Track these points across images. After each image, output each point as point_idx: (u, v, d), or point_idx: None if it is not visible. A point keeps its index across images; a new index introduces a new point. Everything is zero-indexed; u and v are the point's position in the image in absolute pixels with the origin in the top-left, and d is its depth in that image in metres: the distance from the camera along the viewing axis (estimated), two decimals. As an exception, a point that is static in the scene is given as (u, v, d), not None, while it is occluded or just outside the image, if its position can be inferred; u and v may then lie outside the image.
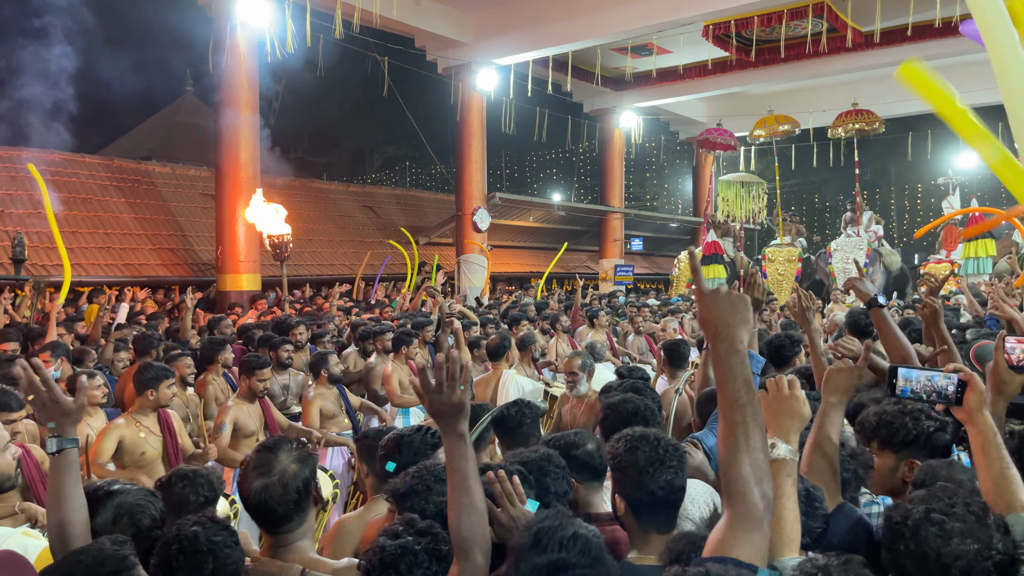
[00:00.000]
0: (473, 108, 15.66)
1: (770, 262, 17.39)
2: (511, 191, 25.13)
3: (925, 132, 20.61)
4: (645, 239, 23.62)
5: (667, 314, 10.22)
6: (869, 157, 27.44)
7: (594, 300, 12.62)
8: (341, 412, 5.60)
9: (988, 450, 1.95)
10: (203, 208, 15.63)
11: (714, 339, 1.62)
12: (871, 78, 18.58)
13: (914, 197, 30.91)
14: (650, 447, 2.06)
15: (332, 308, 10.07)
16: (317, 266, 16.85)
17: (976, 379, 2.00)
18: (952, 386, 2.00)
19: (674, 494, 2.05)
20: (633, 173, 31.88)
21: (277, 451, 2.08)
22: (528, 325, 8.31)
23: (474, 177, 15.95)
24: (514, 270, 20.95)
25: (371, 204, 20.58)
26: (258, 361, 5.02)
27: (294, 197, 18.50)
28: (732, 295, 1.63)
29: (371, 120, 33.32)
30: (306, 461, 2.09)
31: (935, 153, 21.01)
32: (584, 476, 2.40)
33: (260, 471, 2.03)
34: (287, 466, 2.04)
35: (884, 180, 31.22)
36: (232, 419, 4.78)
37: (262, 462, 2.05)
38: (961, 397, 1.98)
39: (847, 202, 17.81)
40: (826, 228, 32.61)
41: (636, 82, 19.26)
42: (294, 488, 2.01)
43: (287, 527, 2.03)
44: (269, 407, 5.07)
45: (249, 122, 12.15)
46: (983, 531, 1.53)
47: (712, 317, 1.62)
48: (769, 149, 19.36)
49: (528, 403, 3.18)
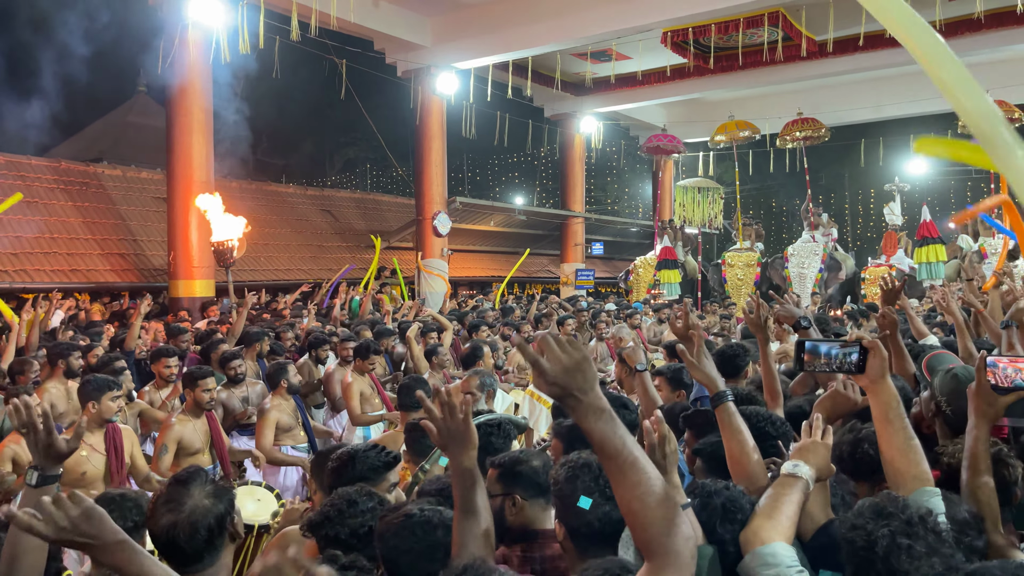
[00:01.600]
0: (433, 111, 15.55)
1: (730, 267, 17.57)
2: (472, 195, 25.07)
3: (877, 139, 21.09)
4: (606, 243, 23.73)
5: (624, 319, 10.18)
6: (823, 163, 28.02)
7: (551, 307, 12.55)
8: (297, 425, 5.43)
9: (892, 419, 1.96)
10: (155, 212, 15.25)
11: (573, 405, 1.42)
12: (825, 85, 18.96)
13: (867, 202, 31.57)
14: (590, 476, 2.03)
15: (288, 312, 9.88)
16: (274, 271, 16.55)
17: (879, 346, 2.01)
18: (855, 354, 2.01)
19: (611, 526, 1.99)
20: (594, 178, 32.02)
21: (189, 485, 1.98)
22: (488, 331, 8.22)
23: (435, 181, 15.83)
24: (475, 274, 20.87)
25: (330, 208, 20.31)
26: (200, 371, 4.81)
27: (250, 200, 18.15)
28: (579, 359, 1.43)
29: (330, 123, 32.97)
30: (221, 496, 1.99)
31: (887, 159, 21.50)
32: (529, 492, 2.35)
33: (169, 507, 1.93)
34: (199, 502, 1.94)
35: (838, 185, 31.87)
36: (175, 439, 4.58)
37: (172, 496, 1.95)
38: (863, 365, 1.99)
39: (802, 207, 18.11)
40: (782, 232, 33.15)
41: (596, 87, 19.33)
42: (204, 526, 1.91)
43: (197, 567, 1.92)
44: (216, 422, 4.89)
45: (202, 124, 11.88)
46: (944, 547, 1.57)
47: (568, 390, 1.42)
48: (727, 154, 19.61)
49: (501, 424, 3.05)
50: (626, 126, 23.16)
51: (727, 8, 12.79)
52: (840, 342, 2.08)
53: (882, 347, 2.01)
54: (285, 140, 33.91)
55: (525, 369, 8.10)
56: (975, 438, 2.08)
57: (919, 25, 1.00)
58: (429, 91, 15.32)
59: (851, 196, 31.96)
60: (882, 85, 18.67)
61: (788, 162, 19.46)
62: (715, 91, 18.84)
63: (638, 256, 19.42)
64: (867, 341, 2.02)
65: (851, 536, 1.62)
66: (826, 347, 2.08)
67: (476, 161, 34.65)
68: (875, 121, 20.40)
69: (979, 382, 2.12)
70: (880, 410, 1.97)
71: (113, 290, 13.71)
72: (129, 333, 6.73)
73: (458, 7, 14.49)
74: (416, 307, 11.18)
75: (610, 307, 13.04)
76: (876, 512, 1.62)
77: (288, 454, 5.23)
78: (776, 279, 17.06)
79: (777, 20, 13.72)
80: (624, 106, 20.07)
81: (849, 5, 13.23)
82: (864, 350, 2.00)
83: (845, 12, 13.49)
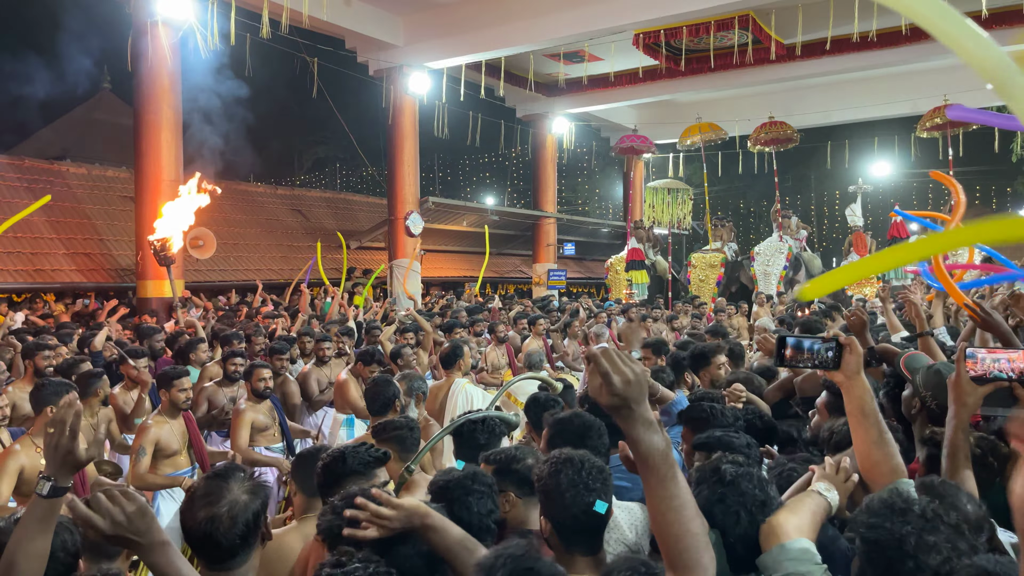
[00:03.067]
0: (405, 111, 15.49)
1: (693, 268, 17.75)
2: (444, 195, 25.02)
3: (843, 141, 21.49)
4: (577, 244, 23.84)
5: (592, 319, 10.20)
6: (790, 164, 28.46)
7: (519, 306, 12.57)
8: (274, 424, 5.36)
9: (867, 413, 2.01)
10: (122, 211, 14.98)
11: (628, 420, 1.51)
12: (794, 88, 19.25)
13: (832, 203, 32.16)
14: (573, 470, 2.06)
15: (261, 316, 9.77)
16: (243, 271, 16.35)
17: (855, 342, 2.06)
18: (831, 351, 2.05)
19: (595, 519, 2.02)
20: (566, 178, 32.16)
21: (228, 479, 1.94)
22: (462, 332, 8.20)
23: (406, 181, 15.77)
24: (447, 275, 20.83)
25: (300, 207, 20.13)
26: (175, 371, 4.75)
27: (219, 199, 17.87)
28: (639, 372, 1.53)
29: (301, 122, 32.70)
30: (258, 492, 1.96)
31: (852, 161, 21.92)
32: (524, 491, 2.37)
33: (207, 500, 1.89)
34: (238, 496, 1.91)
35: (805, 186, 32.41)
36: (152, 441, 4.50)
37: (210, 490, 1.91)
38: (839, 361, 2.03)
39: (771, 208, 18.37)
40: (750, 233, 33.60)
41: (568, 88, 19.41)
42: (243, 521, 1.88)
43: (231, 563, 1.89)
44: (193, 423, 4.83)
45: (171, 121, 11.72)
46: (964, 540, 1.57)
47: (626, 402, 1.50)
48: (697, 156, 19.82)
49: (485, 419, 3.06)
50: (597, 127, 23.28)
51: (698, 11, 12.91)
52: (819, 338, 2.12)
53: (857, 344, 2.06)
54: (255, 139, 33.37)
55: (500, 369, 8.13)
56: (954, 428, 2.15)
57: None
58: (401, 90, 15.26)
59: (816, 197, 32.53)
60: (848, 88, 19.02)
61: (756, 164, 19.74)
62: (686, 93, 19.02)
63: (611, 256, 19.55)
64: (843, 339, 2.07)
65: (873, 536, 1.59)
66: (808, 343, 2.11)
67: (448, 161, 34.61)
68: (841, 124, 20.77)
69: (959, 373, 2.21)
70: (854, 404, 2.02)
71: (79, 290, 13.44)
72: (98, 334, 6.61)
73: (430, 6, 14.44)
74: (385, 307, 11.13)
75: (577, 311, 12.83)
76: (891, 509, 1.60)
77: (264, 455, 5.17)
78: (744, 279, 17.29)
79: (747, 23, 13.91)
80: (596, 107, 20.18)
81: (817, 9, 13.45)
82: (840, 347, 2.05)
83: (813, 16, 13.71)
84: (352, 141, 19.05)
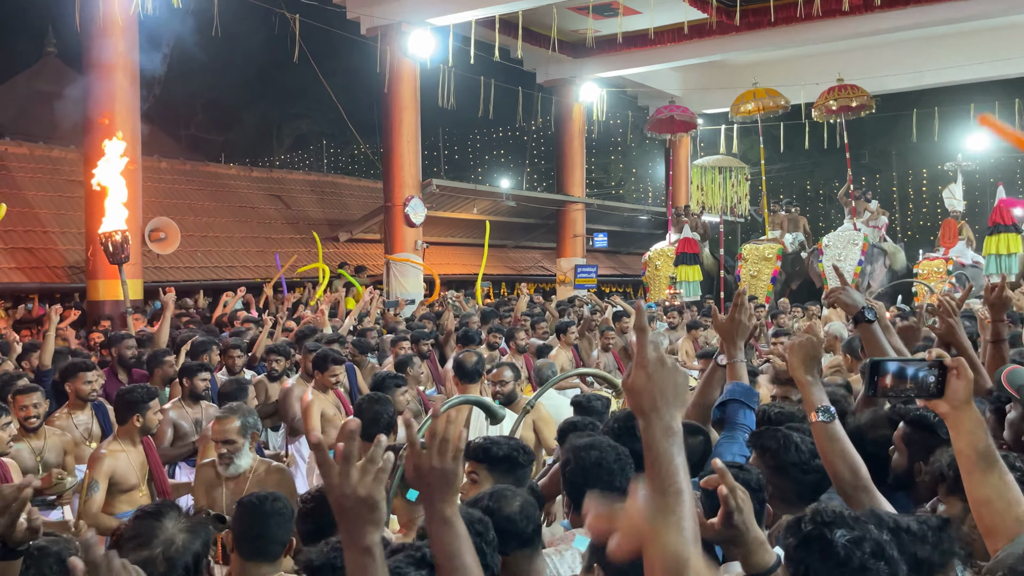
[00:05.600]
0: (404, 78, 15.50)
1: (744, 261, 17.63)
2: (451, 177, 25.00)
3: (931, 109, 21.23)
4: (610, 234, 23.77)
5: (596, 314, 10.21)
6: (867, 138, 28.22)
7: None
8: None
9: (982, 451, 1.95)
10: (69, 198, 15.11)
11: (648, 416, 1.56)
12: (870, 46, 19.06)
13: (919, 184, 31.84)
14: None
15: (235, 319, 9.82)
16: (213, 269, 16.45)
17: (963, 365, 1.99)
18: (933, 376, 1.99)
19: None
20: (596, 156, 32.06)
21: (161, 518, 1.97)
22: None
23: (406, 160, 15.78)
24: (454, 272, 20.83)
25: (280, 192, 20.23)
26: (147, 392, 4.81)
27: (184, 183, 18.07)
28: (677, 370, 1.61)
29: (280, 91, 32.81)
30: (197, 532, 1.98)
31: (943, 133, 21.63)
32: (511, 546, 2.33)
33: (137, 542, 1.92)
34: (173, 536, 1.93)
35: (885, 164, 32.11)
36: (106, 473, 4.49)
37: (141, 531, 1.94)
38: (942, 386, 1.98)
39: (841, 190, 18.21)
40: (819, 220, 33.34)
41: (599, 48, 19.33)
42: (181, 565, 1.90)
43: None
44: (154, 450, 4.85)
45: (126, 91, 11.78)
46: None
47: (650, 388, 1.57)
48: (753, 128, 19.71)
49: (524, 446, 3.08)
50: (634, 94, 23.20)
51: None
52: (919, 360, 2.06)
53: (966, 366, 2.00)
54: (225, 111, 33.74)
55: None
56: None
57: None
58: (399, 53, 15.26)
59: (900, 177, 32.21)
60: (938, 45, 18.80)
61: (825, 137, 19.59)
62: (740, 53, 18.90)
63: (651, 248, 19.47)
64: (949, 360, 2.01)
65: None
66: (913, 368, 2.03)
67: (455, 137, 34.63)
68: (929, 88, 20.55)
69: None
70: (965, 441, 1.96)
71: (19, 292, 13.56)
72: (42, 347, 6.65)
73: (434, -48, 14.47)
74: (375, 298, 11.18)
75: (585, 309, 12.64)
76: None
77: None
78: (812, 275, 17.15)
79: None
80: (632, 70, 20.11)
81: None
82: (943, 369, 1.99)
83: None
84: (341, 114, 19.11)
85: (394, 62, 15.32)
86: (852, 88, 17.66)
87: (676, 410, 1.57)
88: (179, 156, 20.44)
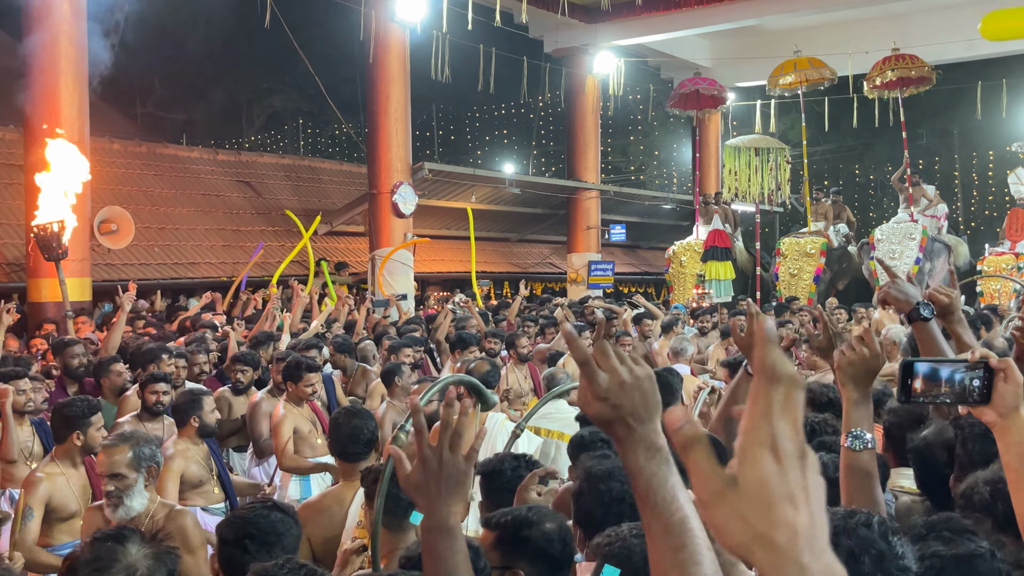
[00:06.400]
0: (392, 46, 15.52)
1: (783, 257, 17.63)
2: (446, 160, 25.03)
3: (998, 81, 21.18)
4: (629, 226, 23.79)
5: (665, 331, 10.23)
6: (924, 115, 28.15)
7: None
8: (211, 478, 5.37)
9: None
10: (7, 184, 15.14)
11: (625, 441, 1.49)
12: (928, 9, 19.04)
13: (984, 168, 31.78)
14: None
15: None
16: (173, 266, 16.46)
17: (1012, 367, 2.00)
18: (978, 380, 2.00)
19: None
20: (613, 137, 32.10)
21: (124, 541, 2.00)
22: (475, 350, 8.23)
23: (394, 142, 15.81)
24: (449, 269, 20.83)
25: (249, 178, 20.26)
26: (88, 406, 4.78)
27: (139, 167, 18.07)
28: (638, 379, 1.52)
29: (250, 62, 32.85)
30: (162, 559, 2.03)
31: (1012, 109, 21.59)
32: (537, 567, 2.36)
33: (96, 567, 1.94)
34: (136, 562, 1.96)
35: (945, 145, 32.06)
36: (42, 499, 4.49)
37: (101, 554, 1.96)
38: (988, 392, 1.98)
39: (896, 175, 18.18)
40: (869, 209, 33.33)
41: (616, 12, 19.27)
42: None
43: None
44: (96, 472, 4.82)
45: (73, 62, 11.81)
46: None
47: (619, 413, 1.49)
48: (795, 104, 19.67)
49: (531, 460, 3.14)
50: (656, 65, 23.19)
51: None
52: (961, 362, 2.06)
53: (1016, 369, 2.00)
54: (186, 86, 33.78)
55: (523, 396, 8.15)
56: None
57: None
58: (386, 17, 15.28)
59: (962, 160, 32.16)
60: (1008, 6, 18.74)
61: (877, 115, 19.55)
62: (779, 16, 18.89)
63: (675, 242, 19.46)
64: (995, 361, 2.01)
65: None
66: (948, 370, 2.03)
67: (451, 114, 34.69)
68: (996, 57, 20.48)
69: None
70: (1014, 453, 1.97)
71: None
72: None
73: (426, -99, 14.48)
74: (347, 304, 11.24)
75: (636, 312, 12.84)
76: None
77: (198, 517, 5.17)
78: (864, 273, 17.12)
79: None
80: (654, 37, 20.13)
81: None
82: (990, 372, 1.99)
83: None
84: (320, 88, 19.11)
85: (380, 28, 15.32)
86: (911, 59, 17.59)
87: (653, 422, 1.50)
88: (134, 137, 20.41)
